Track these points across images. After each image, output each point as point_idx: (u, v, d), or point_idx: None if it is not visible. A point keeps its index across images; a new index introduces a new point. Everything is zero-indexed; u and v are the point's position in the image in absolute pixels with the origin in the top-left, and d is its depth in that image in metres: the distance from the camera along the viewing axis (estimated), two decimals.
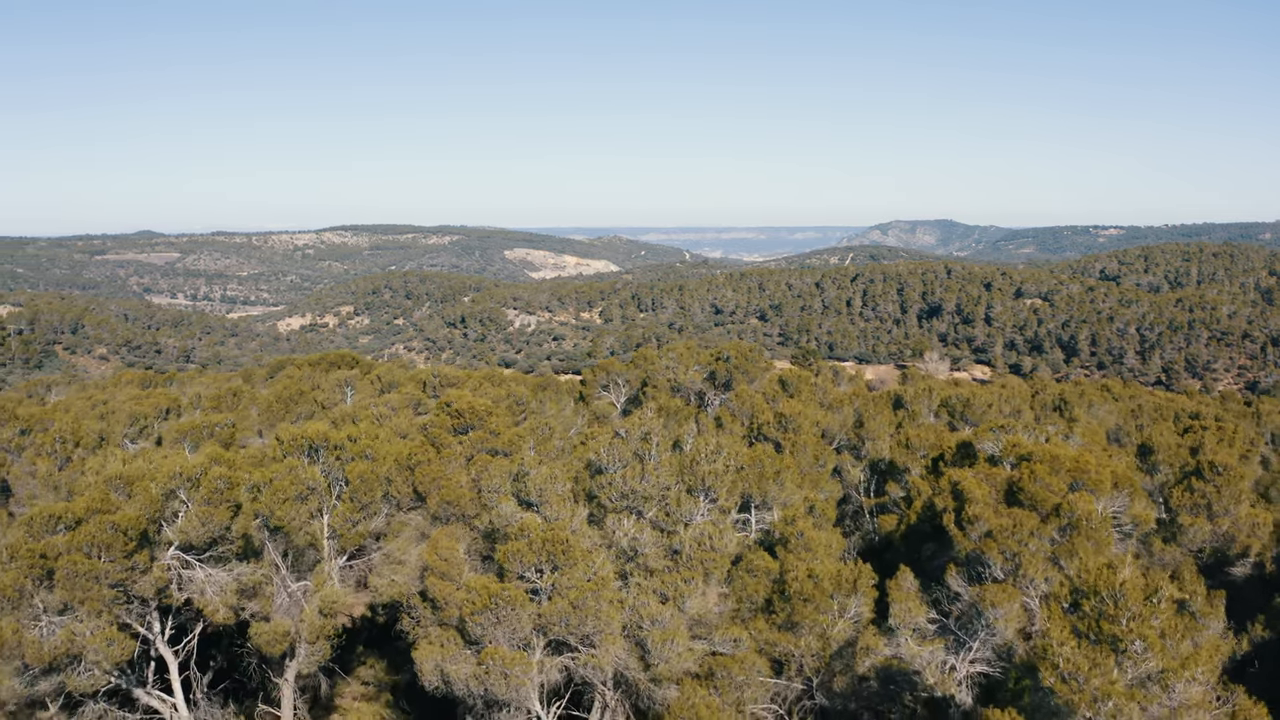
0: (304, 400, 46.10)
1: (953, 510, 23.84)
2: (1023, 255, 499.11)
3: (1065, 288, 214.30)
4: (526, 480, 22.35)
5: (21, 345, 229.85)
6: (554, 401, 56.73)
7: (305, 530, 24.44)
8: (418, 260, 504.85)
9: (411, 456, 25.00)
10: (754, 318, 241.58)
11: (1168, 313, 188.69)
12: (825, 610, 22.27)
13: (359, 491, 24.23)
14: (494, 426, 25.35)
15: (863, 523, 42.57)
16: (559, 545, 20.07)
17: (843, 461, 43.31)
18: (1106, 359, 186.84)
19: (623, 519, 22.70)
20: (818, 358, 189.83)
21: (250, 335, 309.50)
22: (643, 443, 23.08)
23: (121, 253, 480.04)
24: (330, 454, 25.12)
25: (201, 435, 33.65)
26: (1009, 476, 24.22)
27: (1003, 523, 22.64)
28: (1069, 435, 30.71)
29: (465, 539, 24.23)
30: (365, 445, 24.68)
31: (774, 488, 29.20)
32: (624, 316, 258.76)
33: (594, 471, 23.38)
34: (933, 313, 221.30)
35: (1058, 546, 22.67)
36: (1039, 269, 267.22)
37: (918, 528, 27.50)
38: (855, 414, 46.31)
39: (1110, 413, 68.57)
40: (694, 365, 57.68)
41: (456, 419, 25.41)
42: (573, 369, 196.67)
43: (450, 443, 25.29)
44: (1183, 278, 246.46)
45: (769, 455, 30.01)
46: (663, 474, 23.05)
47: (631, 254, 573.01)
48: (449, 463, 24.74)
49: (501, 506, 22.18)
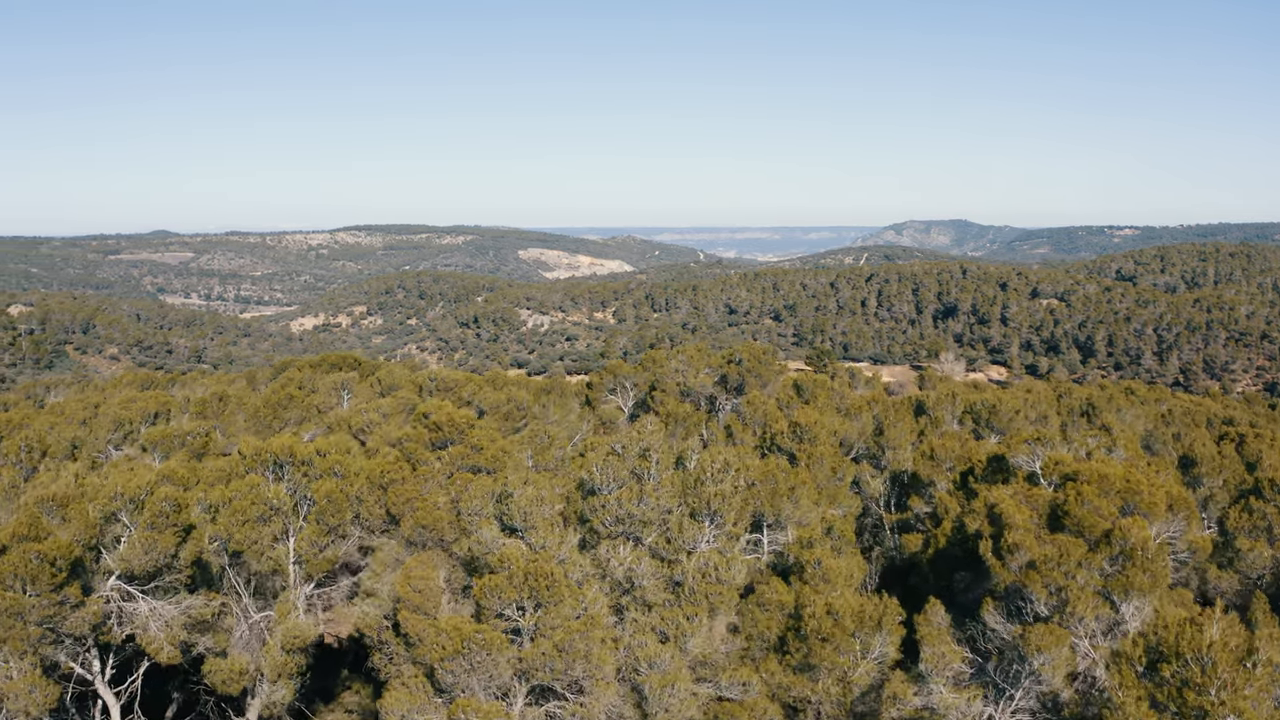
0: (294, 405, 43.76)
1: (989, 537, 21.21)
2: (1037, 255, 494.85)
3: (1082, 288, 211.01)
4: (510, 502, 19.86)
5: (32, 345, 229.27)
6: (558, 406, 54.26)
7: (268, 556, 22.05)
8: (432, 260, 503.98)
9: (385, 474, 22.58)
10: (768, 318, 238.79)
11: (1185, 313, 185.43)
12: (846, 651, 19.68)
13: (327, 513, 21.81)
14: (476, 440, 22.91)
15: (883, 538, 39.93)
16: (543, 579, 17.58)
17: (861, 472, 40.72)
18: (1124, 360, 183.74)
19: (618, 546, 20.21)
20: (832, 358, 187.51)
21: (263, 335, 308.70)
22: (641, 460, 20.56)
23: (136, 252, 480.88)
24: (297, 470, 22.73)
25: (173, 445, 31.33)
26: (1052, 498, 21.57)
27: (1047, 552, 20.03)
28: (1112, 449, 28.08)
29: (444, 566, 21.77)
30: (334, 461, 22.27)
31: (788, 505, 26.65)
32: (637, 317, 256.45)
33: (586, 492, 20.88)
34: (948, 313, 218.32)
35: (1110, 579, 20.03)
36: (1055, 269, 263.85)
37: (948, 552, 24.89)
38: (875, 421, 43.65)
39: (1138, 418, 65.69)
40: (704, 368, 55.12)
41: (435, 432, 22.98)
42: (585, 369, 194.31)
43: (428, 459, 22.85)
44: (1199, 278, 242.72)
45: (783, 469, 27.47)
46: (663, 495, 20.54)
47: (645, 254, 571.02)
48: (426, 481, 22.30)
49: (482, 532, 19.71)
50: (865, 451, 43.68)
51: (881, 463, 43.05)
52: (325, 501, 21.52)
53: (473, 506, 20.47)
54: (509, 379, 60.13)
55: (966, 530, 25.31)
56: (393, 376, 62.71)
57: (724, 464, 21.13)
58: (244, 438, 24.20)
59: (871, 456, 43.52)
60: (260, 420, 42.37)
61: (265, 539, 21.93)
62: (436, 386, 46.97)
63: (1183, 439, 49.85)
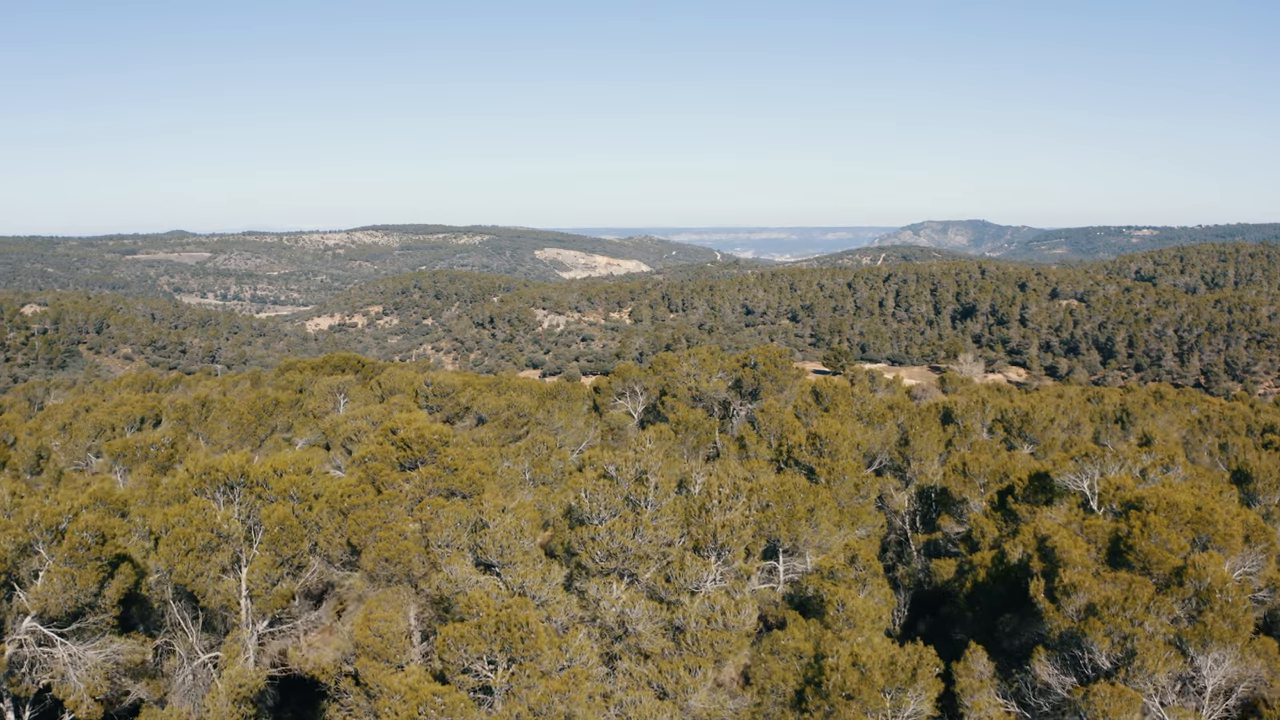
0: (280, 410, 41.21)
1: (1040, 574, 18.32)
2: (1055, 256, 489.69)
3: (1101, 288, 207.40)
4: (486, 534, 17.13)
5: (45, 345, 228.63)
6: (563, 412, 51.57)
7: (216, 590, 19.39)
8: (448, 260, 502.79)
9: (346, 498, 19.91)
10: (785, 318, 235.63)
11: (1206, 314, 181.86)
12: (874, 710, 16.86)
13: (280, 542, 19.14)
14: (450, 460, 20.22)
15: (908, 556, 37.02)
16: (517, 630, 14.85)
17: (885, 485, 37.86)
18: (1144, 361, 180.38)
19: (610, 584, 17.46)
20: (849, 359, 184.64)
21: (278, 335, 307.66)
22: (637, 485, 17.78)
23: (152, 252, 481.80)
24: (249, 493, 20.06)
25: (135, 456, 28.77)
26: (1113, 530, 18.66)
27: (1109, 594, 17.17)
28: (1169, 466, 25.11)
29: (413, 603, 19.06)
30: (292, 482, 19.58)
31: (806, 529, 23.84)
32: (654, 317, 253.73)
33: (575, 521, 18.13)
34: (966, 313, 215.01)
35: (1184, 628, 17.15)
36: (1074, 269, 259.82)
37: (989, 587, 22.00)
38: (899, 430, 40.78)
39: (1172, 424, 62.53)
40: (717, 372, 52.27)
41: (403, 451, 20.29)
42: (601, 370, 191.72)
43: (395, 481, 20.17)
44: (1219, 278, 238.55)
45: (800, 489, 24.66)
46: (663, 525, 17.76)
47: (662, 254, 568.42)
48: (392, 507, 19.63)
49: (453, 567, 17.00)
50: (889, 463, 40.82)
51: (907, 475, 40.18)
52: (277, 529, 18.84)
53: (443, 537, 17.78)
54: (513, 383, 57.46)
55: (1008, 560, 22.43)
56: (394, 380, 60.17)
57: (733, 489, 18.33)
58: (191, 457, 21.74)
59: (896, 468, 40.65)
60: (244, 427, 39.87)
61: (212, 570, 19.29)
62: (434, 392, 44.36)
63: (1230, 450, 46.70)
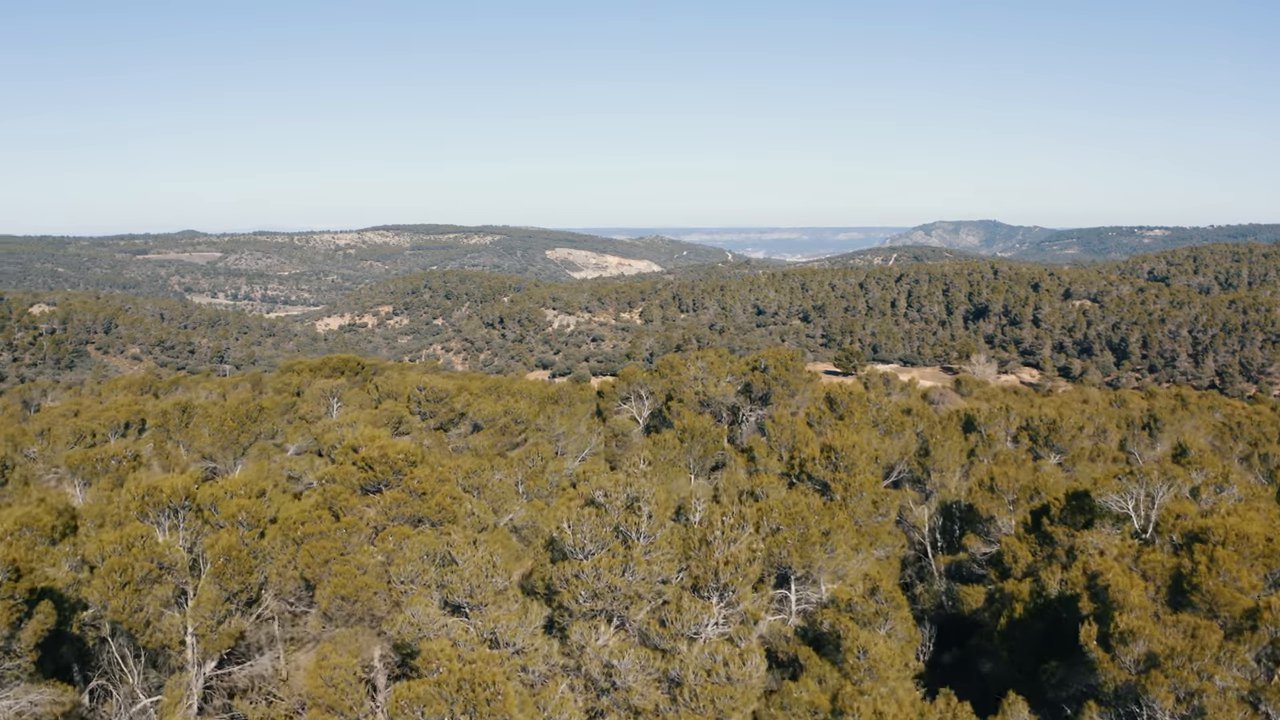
0: (264, 417, 39.08)
1: (1092, 618, 15.96)
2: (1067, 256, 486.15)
3: (1115, 289, 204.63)
4: (454, 572, 14.88)
5: (53, 345, 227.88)
6: (565, 417, 49.28)
7: (156, 628, 17.20)
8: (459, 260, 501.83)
9: (301, 526, 17.70)
10: (797, 319, 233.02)
11: (1220, 314, 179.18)
12: None
13: (226, 575, 16.92)
14: (418, 483, 18.00)
15: (929, 578, 34.59)
16: (483, 690, 12.61)
17: (904, 498, 35.46)
18: (1158, 362, 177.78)
19: (597, 628, 15.20)
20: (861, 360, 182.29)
21: (287, 335, 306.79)
22: (628, 514, 15.50)
23: (163, 252, 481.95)
24: (196, 517, 17.86)
25: (96, 469, 26.64)
26: (1174, 566, 16.31)
27: (1173, 642, 14.84)
28: (1223, 486, 22.71)
29: (378, 644, 16.83)
30: (242, 506, 17.37)
31: (821, 555, 21.52)
32: (664, 317, 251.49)
33: (556, 555, 15.87)
34: (979, 314, 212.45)
35: (1260, 682, 14.80)
36: (1087, 269, 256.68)
37: (1026, 623, 19.66)
38: (919, 439, 38.40)
39: (1198, 429, 59.97)
40: (726, 376, 49.97)
41: (365, 472, 18.09)
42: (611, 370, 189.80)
43: (355, 507, 17.97)
44: (1233, 279, 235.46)
45: (814, 509, 22.33)
46: (657, 561, 15.49)
47: (673, 254, 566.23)
48: (351, 536, 17.44)
49: (415, 609, 14.76)
50: (907, 474, 38.43)
51: (927, 487, 37.78)
52: (222, 561, 16.63)
53: (407, 572, 15.56)
54: (513, 388, 55.24)
55: (1047, 591, 20.10)
56: (391, 383, 58.10)
57: (738, 518, 16.03)
58: (133, 477, 19.69)
59: (915, 480, 38.25)
60: (225, 435, 37.73)
61: (152, 606, 17.10)
62: (426, 397, 42.17)
63: (1271, 460, 44.13)
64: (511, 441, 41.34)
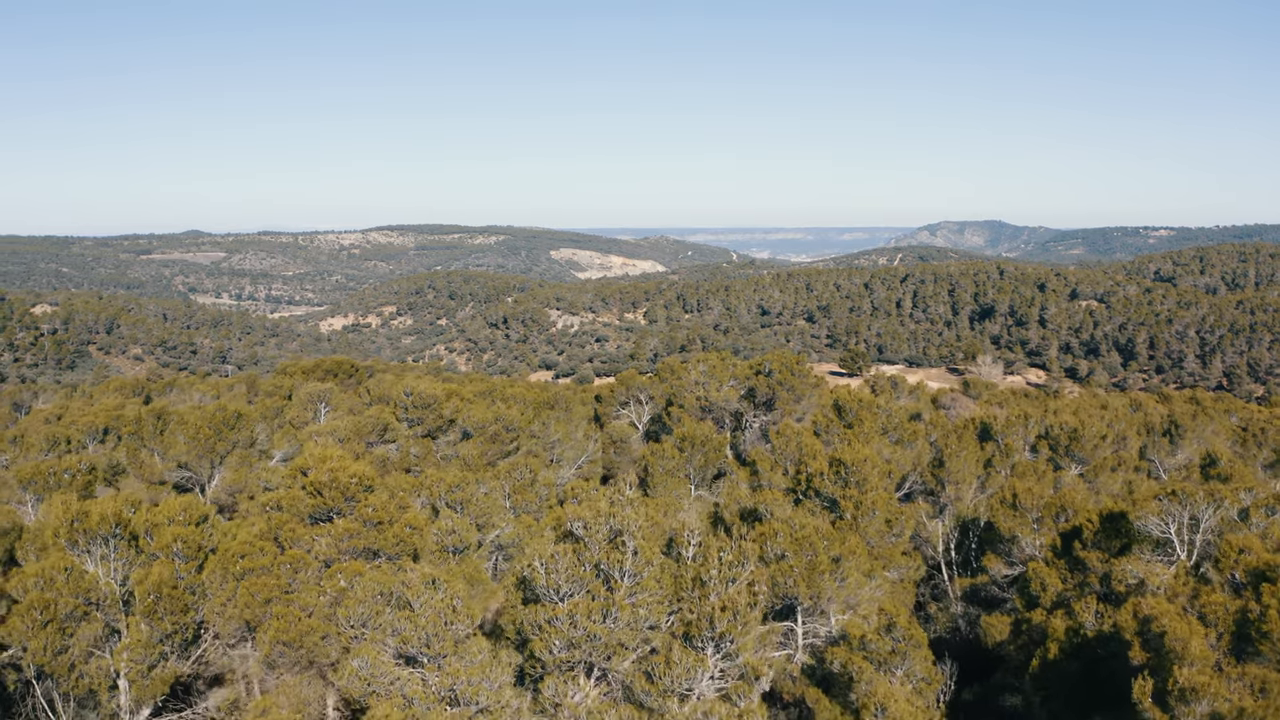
0: (243, 424, 37.16)
1: (1145, 670, 13.90)
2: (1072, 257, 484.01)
3: (1121, 289, 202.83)
4: (409, 618, 12.86)
5: (54, 345, 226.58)
6: (561, 423, 47.28)
7: (83, 672, 15.23)
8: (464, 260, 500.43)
9: (242, 559, 15.70)
10: (801, 319, 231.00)
11: (1228, 315, 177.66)
12: None
13: (157, 614, 14.93)
14: (372, 511, 15.98)
15: (943, 595, 32.54)
16: None
17: (917, 511, 33.38)
18: (1165, 363, 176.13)
19: (576, 681, 13.16)
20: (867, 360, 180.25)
21: (291, 335, 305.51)
22: (611, 550, 13.48)
23: (168, 252, 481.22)
24: (129, 546, 15.90)
25: (48, 483, 24.68)
26: (1239, 609, 14.26)
27: (1242, 701, 12.81)
28: (1276, 508, 20.67)
29: (331, 693, 14.81)
30: (179, 535, 15.39)
31: (831, 584, 19.49)
32: (669, 317, 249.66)
33: (527, 597, 13.84)
34: (985, 314, 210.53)
35: None
36: (1093, 270, 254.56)
37: (1061, 665, 17.60)
38: (933, 449, 36.34)
39: (1217, 434, 57.84)
40: (728, 380, 47.94)
41: (315, 498, 16.11)
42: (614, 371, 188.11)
43: (302, 538, 15.98)
44: (1240, 279, 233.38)
45: (823, 533, 20.29)
46: (644, 604, 13.46)
47: (678, 254, 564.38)
48: (297, 572, 15.45)
49: (363, 660, 12.75)
50: (920, 486, 36.36)
51: (941, 500, 35.71)
52: (151, 599, 14.64)
53: (357, 615, 13.58)
54: (508, 392, 53.28)
55: (1083, 628, 18.06)
56: (383, 387, 56.18)
57: (737, 553, 13.99)
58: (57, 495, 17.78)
59: (928, 492, 36.14)
60: (200, 444, 35.79)
61: (79, 647, 15.13)
62: (414, 403, 40.19)
63: None
64: (503, 450, 39.38)
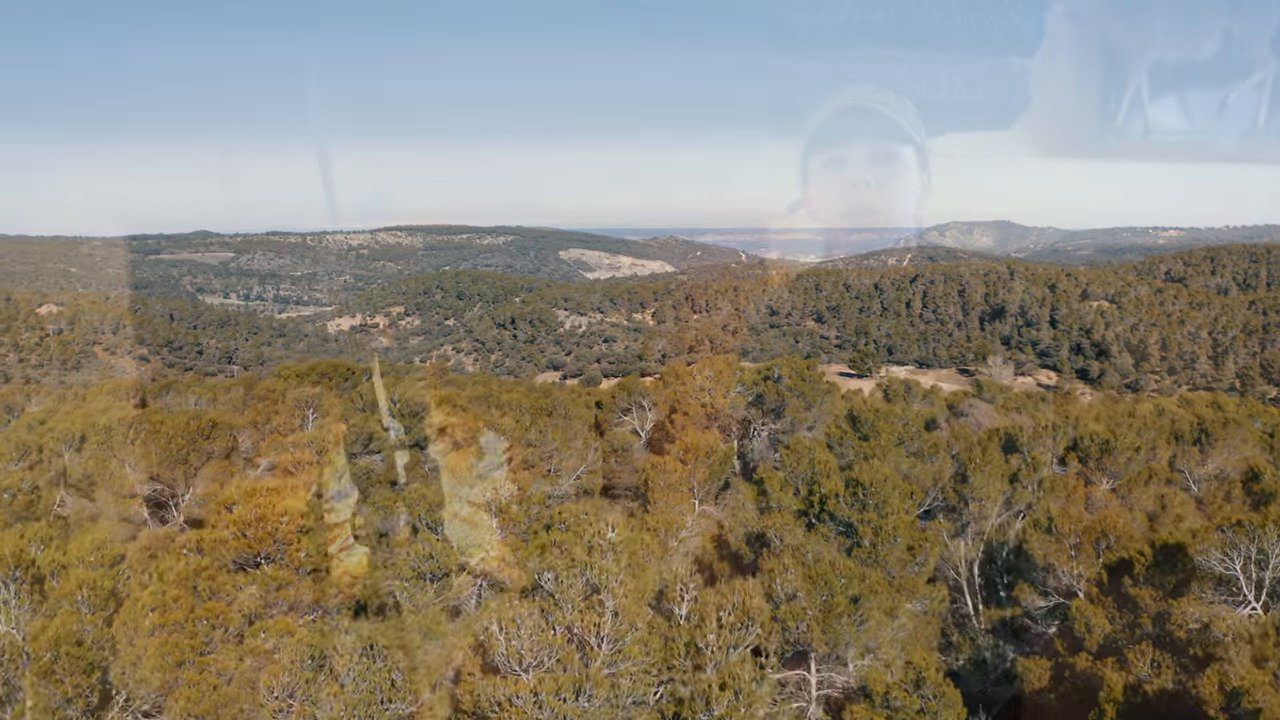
0: (218, 434, 34.95)
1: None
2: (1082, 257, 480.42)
3: (1133, 290, 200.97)
4: (341, 697, 10.50)
5: (60, 346, 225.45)
6: (558, 430, 44.91)
7: None
8: (472, 260, 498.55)
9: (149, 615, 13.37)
10: (810, 319, 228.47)
11: (1240, 315, 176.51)
12: None
13: (55, 674, 12.61)
14: (305, 557, 13.63)
15: (966, 622, 30.08)
16: None
17: (939, 532, 30.91)
18: (1178, 364, 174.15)
19: None
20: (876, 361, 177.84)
21: (298, 335, 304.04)
22: (587, 612, 11.10)
23: (176, 252, 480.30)
24: (33, 590, 13.60)
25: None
26: None
27: None
28: None
29: None
30: (87, 579, 13.08)
31: (849, 628, 17.11)
32: (677, 318, 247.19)
33: (488, 664, 11.47)
34: (995, 315, 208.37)
35: None
36: (1104, 270, 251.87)
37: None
38: (954, 463, 33.94)
39: (1245, 440, 55.29)
40: (735, 385, 45.56)
41: (240, 541, 13.82)
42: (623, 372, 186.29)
43: (223, 588, 13.66)
44: (1251, 279, 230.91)
45: (839, 567, 17.93)
46: (627, 675, 11.07)
47: (687, 254, 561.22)
48: (216, 628, 13.16)
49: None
50: (941, 502, 33.91)
51: (964, 517, 33.25)
52: (48, 656, 12.32)
53: (282, 685, 11.25)
54: (504, 398, 51.03)
55: (1140, 682, 15.67)
56: (374, 393, 53.98)
57: (740, 612, 11.60)
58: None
59: (950, 509, 33.68)
60: (172, 454, 33.61)
61: None
62: (402, 410, 37.95)
63: None
64: (495, 461, 37.10)
